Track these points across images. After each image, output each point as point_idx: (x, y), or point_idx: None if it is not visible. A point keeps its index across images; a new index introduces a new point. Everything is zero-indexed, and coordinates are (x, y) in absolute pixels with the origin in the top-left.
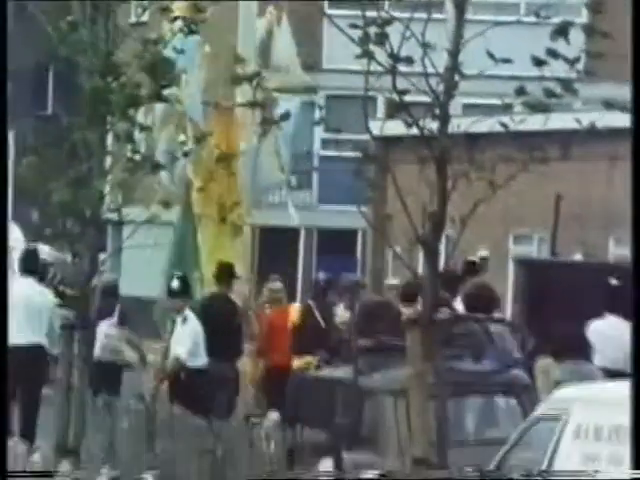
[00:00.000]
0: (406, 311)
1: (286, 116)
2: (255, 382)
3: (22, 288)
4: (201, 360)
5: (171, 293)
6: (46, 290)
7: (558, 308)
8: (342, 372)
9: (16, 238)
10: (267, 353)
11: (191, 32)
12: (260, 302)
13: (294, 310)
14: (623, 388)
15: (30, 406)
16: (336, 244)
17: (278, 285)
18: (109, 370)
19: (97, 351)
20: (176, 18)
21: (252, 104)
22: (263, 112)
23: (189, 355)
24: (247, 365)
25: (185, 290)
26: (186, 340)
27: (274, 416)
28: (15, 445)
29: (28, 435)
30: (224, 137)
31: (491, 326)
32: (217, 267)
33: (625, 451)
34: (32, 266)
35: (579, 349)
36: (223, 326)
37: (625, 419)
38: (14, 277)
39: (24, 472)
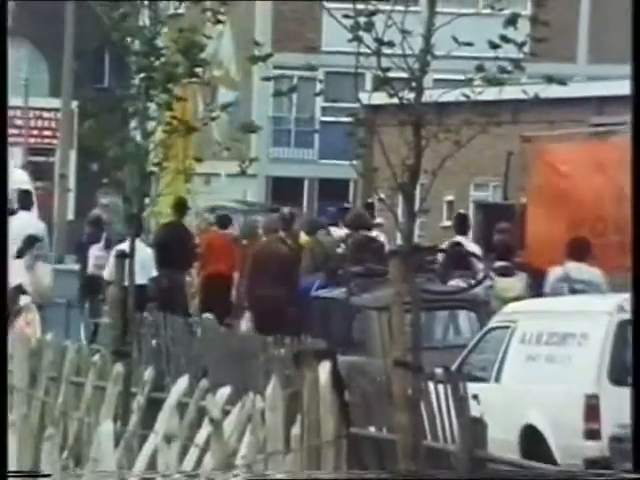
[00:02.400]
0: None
1: (228, 105)
2: (196, 288)
3: (21, 221)
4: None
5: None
6: (40, 222)
7: (507, 240)
8: (338, 292)
9: (22, 180)
10: (205, 266)
11: (218, 22)
12: (203, 227)
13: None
14: (558, 302)
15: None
16: (333, 191)
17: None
18: (96, 283)
19: (89, 268)
20: (205, 10)
21: (266, 79)
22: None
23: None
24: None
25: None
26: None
27: (208, 315)
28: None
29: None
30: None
31: (456, 254)
32: (173, 203)
33: (558, 351)
34: (27, 204)
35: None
36: (176, 245)
37: (559, 326)
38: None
39: (24, 472)
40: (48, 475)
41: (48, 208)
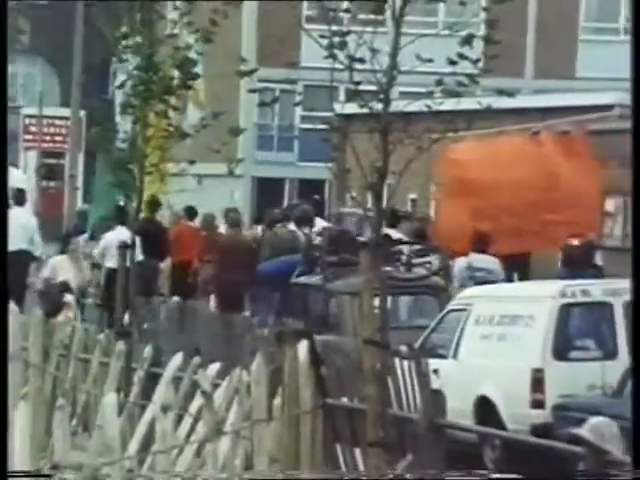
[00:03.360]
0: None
1: (218, 114)
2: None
3: (17, 215)
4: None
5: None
6: (31, 220)
7: (422, 227)
8: (315, 279)
9: (19, 179)
10: (175, 255)
11: (207, 40)
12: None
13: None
14: (508, 287)
15: None
16: (311, 190)
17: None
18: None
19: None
20: (197, 30)
21: (252, 91)
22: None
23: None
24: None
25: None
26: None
27: (176, 299)
28: None
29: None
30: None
31: (417, 247)
32: (147, 201)
33: (508, 331)
34: (21, 201)
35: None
36: (152, 237)
37: (509, 309)
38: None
39: (24, 472)
40: (48, 475)
41: (59, 204)
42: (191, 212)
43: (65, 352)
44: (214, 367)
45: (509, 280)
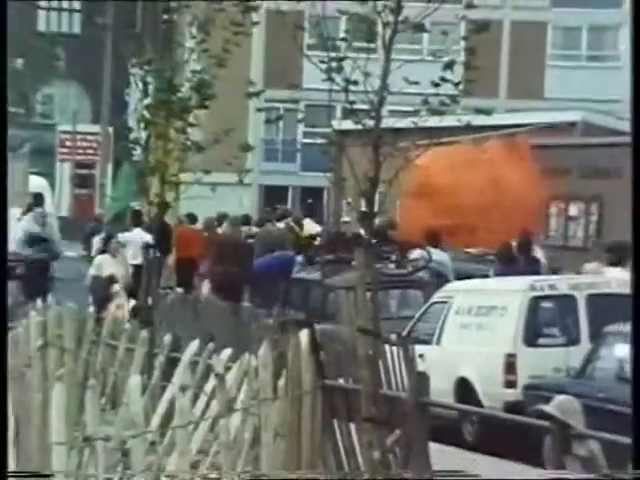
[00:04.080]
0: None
1: (229, 130)
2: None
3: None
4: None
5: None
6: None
7: (384, 225)
8: (314, 275)
9: (39, 186)
10: (177, 251)
11: (221, 65)
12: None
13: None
14: (484, 282)
15: None
16: (311, 197)
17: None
18: None
19: (92, 253)
20: (212, 57)
21: (259, 110)
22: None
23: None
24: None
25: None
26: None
27: (179, 290)
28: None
29: None
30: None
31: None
32: (158, 204)
33: (485, 320)
34: (40, 204)
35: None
36: (160, 236)
37: (485, 301)
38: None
39: (24, 472)
40: (48, 475)
41: (91, 209)
42: (192, 217)
43: (95, 339)
44: (226, 352)
45: (480, 275)
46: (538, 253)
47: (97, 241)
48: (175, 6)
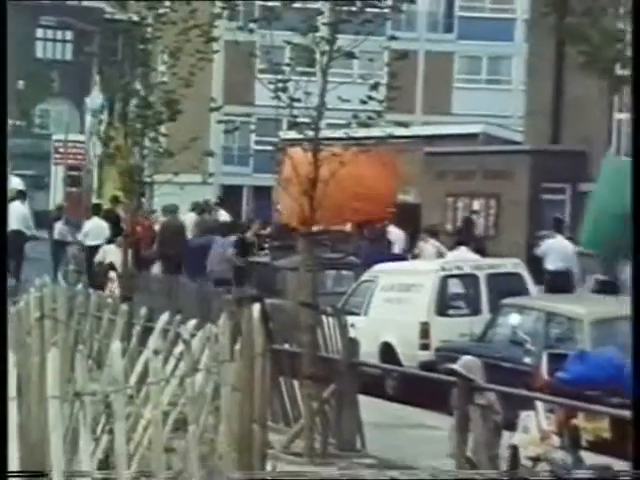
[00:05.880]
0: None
1: (195, 139)
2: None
3: (16, 209)
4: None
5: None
6: (26, 211)
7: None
8: (265, 258)
9: (17, 183)
10: (132, 245)
11: (187, 86)
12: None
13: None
14: (404, 264)
15: None
16: (262, 194)
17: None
18: (60, 245)
19: (55, 236)
20: (180, 79)
21: (219, 122)
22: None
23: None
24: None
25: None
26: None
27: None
28: None
29: None
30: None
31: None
32: (112, 197)
33: (404, 296)
34: (22, 198)
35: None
36: (117, 228)
37: (405, 280)
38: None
39: (24, 472)
40: (48, 475)
41: (80, 206)
42: (172, 208)
43: (84, 311)
44: (192, 322)
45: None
46: (393, 236)
47: (58, 226)
48: (150, 37)
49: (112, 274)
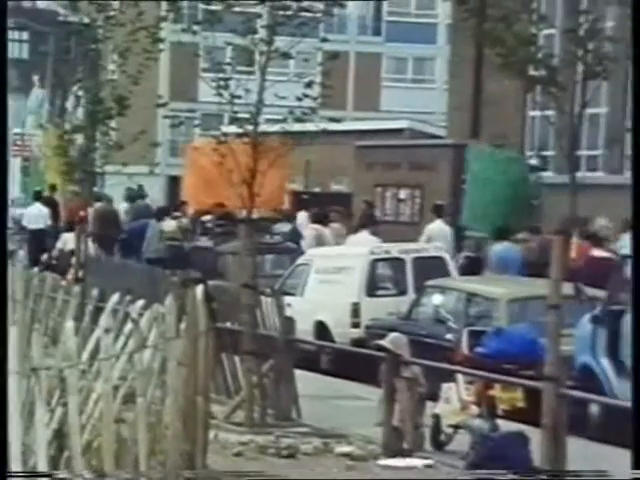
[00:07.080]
0: None
1: (142, 132)
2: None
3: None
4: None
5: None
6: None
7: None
8: (208, 243)
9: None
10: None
11: (136, 83)
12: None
13: None
14: (336, 249)
15: None
16: None
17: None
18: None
19: (23, 223)
20: (129, 76)
21: (166, 117)
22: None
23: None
24: None
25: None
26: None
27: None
28: None
29: None
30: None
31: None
32: (50, 186)
33: (337, 278)
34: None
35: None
36: (55, 214)
37: (337, 263)
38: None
39: (24, 472)
40: (48, 475)
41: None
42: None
43: (40, 292)
44: (140, 302)
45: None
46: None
47: (15, 212)
48: (100, 38)
49: (74, 260)
